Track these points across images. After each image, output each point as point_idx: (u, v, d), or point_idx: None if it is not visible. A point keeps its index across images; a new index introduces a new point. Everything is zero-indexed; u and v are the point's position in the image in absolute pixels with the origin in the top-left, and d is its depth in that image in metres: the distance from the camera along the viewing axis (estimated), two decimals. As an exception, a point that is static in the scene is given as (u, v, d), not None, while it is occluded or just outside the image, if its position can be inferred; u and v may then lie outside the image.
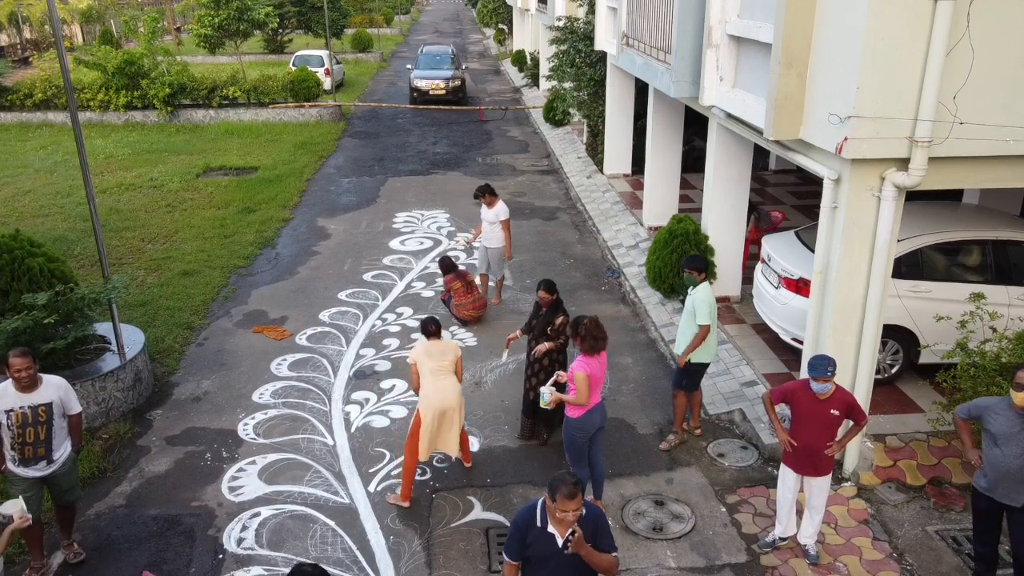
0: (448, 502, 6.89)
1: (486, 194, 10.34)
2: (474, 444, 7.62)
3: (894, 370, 7.94)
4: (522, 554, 4.40)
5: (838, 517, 6.60)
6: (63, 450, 5.92)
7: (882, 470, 7.01)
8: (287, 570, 6.04)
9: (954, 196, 9.95)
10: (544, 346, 7.37)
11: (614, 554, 4.46)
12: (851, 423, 5.94)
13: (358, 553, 6.31)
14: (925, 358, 7.74)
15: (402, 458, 6.98)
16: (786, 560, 6.17)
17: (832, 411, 5.74)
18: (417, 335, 9.85)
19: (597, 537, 4.38)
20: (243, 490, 7.09)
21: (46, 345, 7.67)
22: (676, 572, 6.06)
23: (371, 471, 7.31)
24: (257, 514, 6.77)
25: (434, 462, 7.41)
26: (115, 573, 6.14)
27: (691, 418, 7.81)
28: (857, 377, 6.75)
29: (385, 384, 8.79)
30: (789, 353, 8.61)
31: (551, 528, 4.30)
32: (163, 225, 13.96)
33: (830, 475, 6.02)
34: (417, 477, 7.10)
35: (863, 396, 6.72)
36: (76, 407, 5.94)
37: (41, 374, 5.80)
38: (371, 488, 7.08)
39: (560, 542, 4.29)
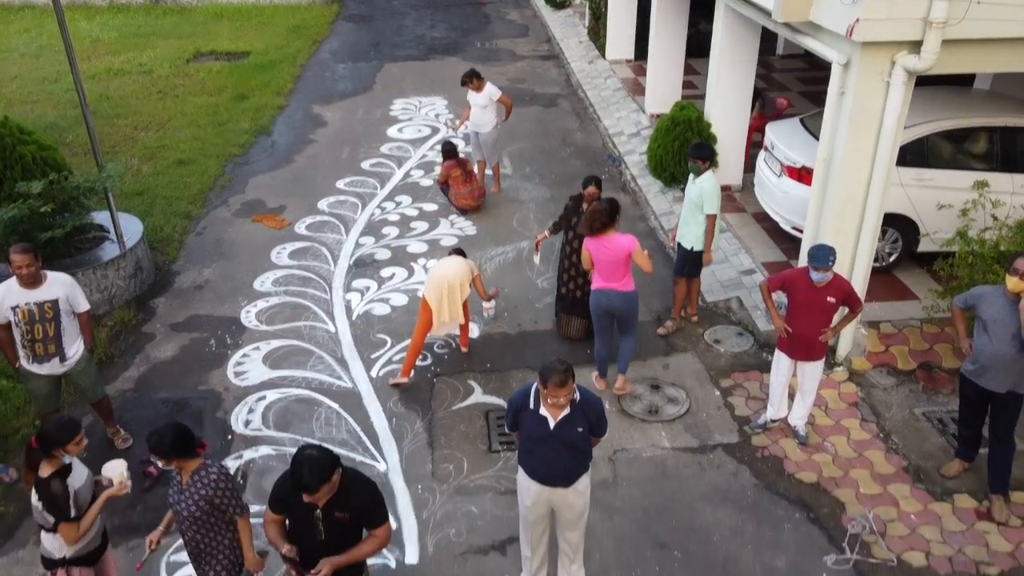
0: (449, 386, 7.05)
1: (473, 79, 10.03)
2: (473, 331, 7.72)
3: (892, 258, 7.97)
4: (519, 428, 4.61)
5: (828, 400, 6.78)
6: (75, 348, 5.94)
7: (874, 355, 7.16)
8: (294, 450, 6.28)
9: (965, 81, 9.69)
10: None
11: (604, 436, 4.66)
12: (847, 310, 6.01)
13: (362, 434, 6.52)
14: (924, 246, 7.75)
15: (404, 343, 7.10)
16: (776, 440, 6.38)
17: (829, 298, 5.80)
18: (416, 224, 9.83)
19: (592, 423, 4.49)
20: (248, 375, 7.24)
21: (44, 234, 7.65)
22: (670, 452, 6.28)
23: (373, 357, 7.45)
24: (263, 398, 6.95)
25: (435, 348, 7.54)
26: (128, 452, 6.35)
27: (689, 305, 7.90)
28: (855, 265, 6.78)
29: (385, 272, 8.83)
30: (788, 242, 8.62)
31: (543, 411, 4.41)
32: (155, 112, 13.67)
33: (823, 360, 6.15)
34: (418, 363, 7.24)
35: (860, 284, 6.77)
36: (84, 305, 5.92)
37: (46, 271, 5.77)
38: (373, 373, 7.24)
39: (552, 424, 4.41)
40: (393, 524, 5.03)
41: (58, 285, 5.75)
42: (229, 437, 6.51)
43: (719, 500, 5.82)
